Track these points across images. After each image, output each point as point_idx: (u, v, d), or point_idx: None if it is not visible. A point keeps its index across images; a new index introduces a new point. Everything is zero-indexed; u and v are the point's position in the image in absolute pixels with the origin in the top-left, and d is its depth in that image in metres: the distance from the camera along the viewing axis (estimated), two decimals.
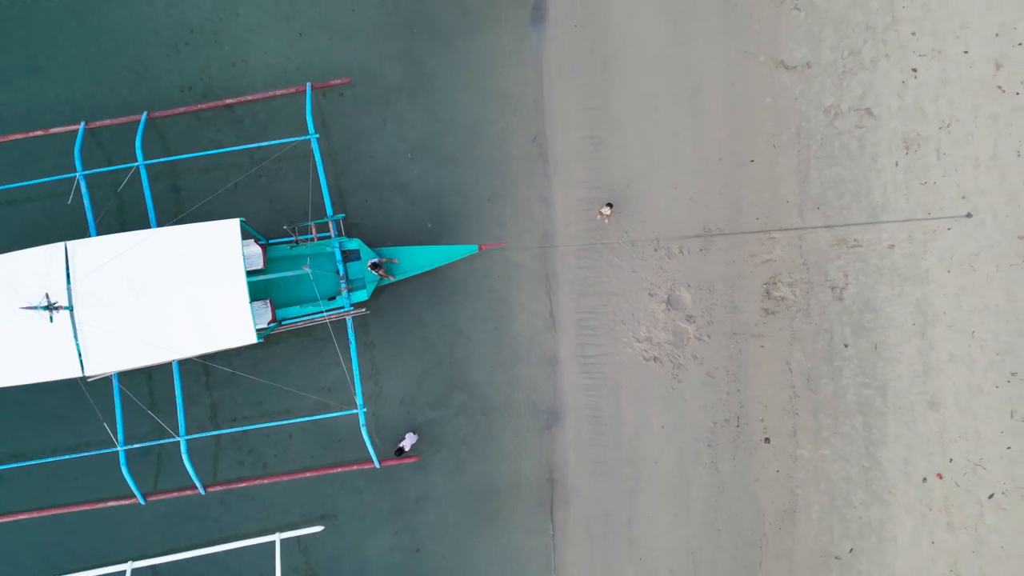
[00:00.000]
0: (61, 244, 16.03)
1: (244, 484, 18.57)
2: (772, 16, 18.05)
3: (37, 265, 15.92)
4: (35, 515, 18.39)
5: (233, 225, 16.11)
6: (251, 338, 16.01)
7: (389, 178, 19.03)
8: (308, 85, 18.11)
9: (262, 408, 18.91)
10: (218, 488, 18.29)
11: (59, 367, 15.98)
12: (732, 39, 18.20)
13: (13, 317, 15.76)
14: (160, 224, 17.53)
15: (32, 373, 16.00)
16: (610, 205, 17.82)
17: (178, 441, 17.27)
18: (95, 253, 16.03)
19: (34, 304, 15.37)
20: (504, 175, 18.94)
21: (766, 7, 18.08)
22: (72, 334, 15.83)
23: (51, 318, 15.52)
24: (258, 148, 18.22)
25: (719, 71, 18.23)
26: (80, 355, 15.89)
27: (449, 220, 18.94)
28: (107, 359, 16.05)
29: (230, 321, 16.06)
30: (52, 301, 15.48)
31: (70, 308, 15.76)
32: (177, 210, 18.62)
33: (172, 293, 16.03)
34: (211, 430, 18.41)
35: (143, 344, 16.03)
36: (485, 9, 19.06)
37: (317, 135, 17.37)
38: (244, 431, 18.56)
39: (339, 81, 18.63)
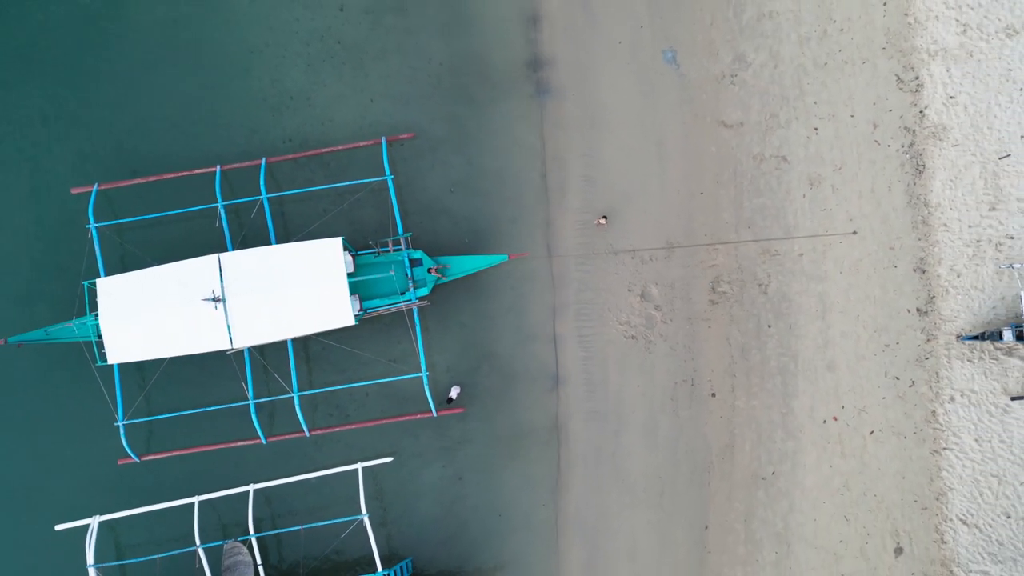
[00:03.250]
0: (215, 256, 22.98)
1: (334, 430, 25.34)
2: (715, 89, 25.04)
3: (200, 269, 22.83)
4: (188, 451, 25.18)
5: (336, 242, 23.05)
6: (350, 321, 22.93)
7: (438, 205, 25.94)
8: (383, 139, 25.04)
9: (345, 375, 25.71)
10: (317, 432, 25.08)
11: (215, 342, 22.87)
12: (686, 105, 25.18)
13: (187, 306, 22.66)
14: (278, 241, 24.45)
15: (197, 345, 22.88)
16: (605, 217, 24.80)
17: (291, 397, 24.19)
18: (238, 262, 22.94)
19: (207, 297, 22.30)
20: (520, 203, 25.87)
21: (710, 83, 25.04)
22: (224, 318, 22.74)
23: (216, 307, 22.45)
24: (346, 185, 25.13)
25: (677, 128, 25.21)
26: (230, 333, 22.81)
27: (482, 236, 25.86)
28: (246, 336, 22.95)
29: (334, 309, 22.95)
30: (216, 295, 22.42)
31: (223, 300, 22.68)
32: (286, 230, 25.49)
33: (292, 290, 22.91)
34: (311, 390, 25.23)
35: (272, 326, 22.94)
36: (505, 83, 26.01)
37: (392, 176, 24.33)
38: (334, 390, 25.37)
39: (405, 136, 25.57)
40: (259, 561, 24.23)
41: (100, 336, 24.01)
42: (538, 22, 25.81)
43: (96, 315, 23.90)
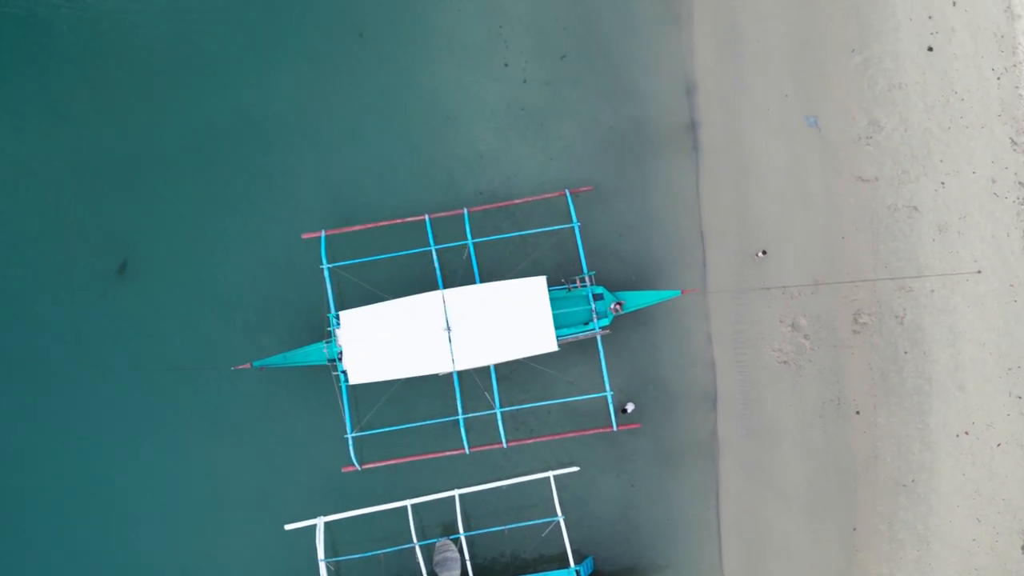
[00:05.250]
0: (440, 291, 27.06)
1: (527, 442, 29.01)
2: (852, 149, 29.19)
3: (428, 303, 26.90)
4: (402, 460, 28.87)
5: (541, 280, 27.13)
6: (553, 347, 26.89)
7: (608, 248, 29.99)
8: (567, 191, 29.23)
9: (530, 394, 29.51)
10: (513, 443, 28.84)
11: (439, 365, 26.84)
12: (827, 162, 29.32)
13: (417, 334, 26.69)
14: (482, 280, 28.47)
15: (424, 368, 26.85)
16: (764, 251, 28.81)
17: (491, 413, 28.05)
18: (460, 297, 27.00)
19: (443, 327, 26.38)
20: (680, 245, 29.92)
21: (848, 143, 29.20)
22: (449, 345, 26.75)
23: (448, 336, 26.50)
24: (540, 232, 29.15)
25: (819, 181, 29.31)
26: (452, 357, 26.80)
27: (648, 274, 29.87)
28: (466, 360, 26.91)
29: (539, 337, 26.91)
30: (447, 326, 26.47)
31: (448, 329, 26.72)
32: (484, 271, 29.55)
33: (502, 321, 26.92)
34: (510, 407, 28.96)
35: (488, 351, 26.91)
36: (666, 142, 30.24)
37: (579, 223, 28.45)
38: (521, 408, 29.14)
39: (584, 188, 29.76)
40: (467, 556, 27.94)
41: (330, 360, 28.11)
42: (694, 91, 30.15)
43: (329, 342, 28.03)
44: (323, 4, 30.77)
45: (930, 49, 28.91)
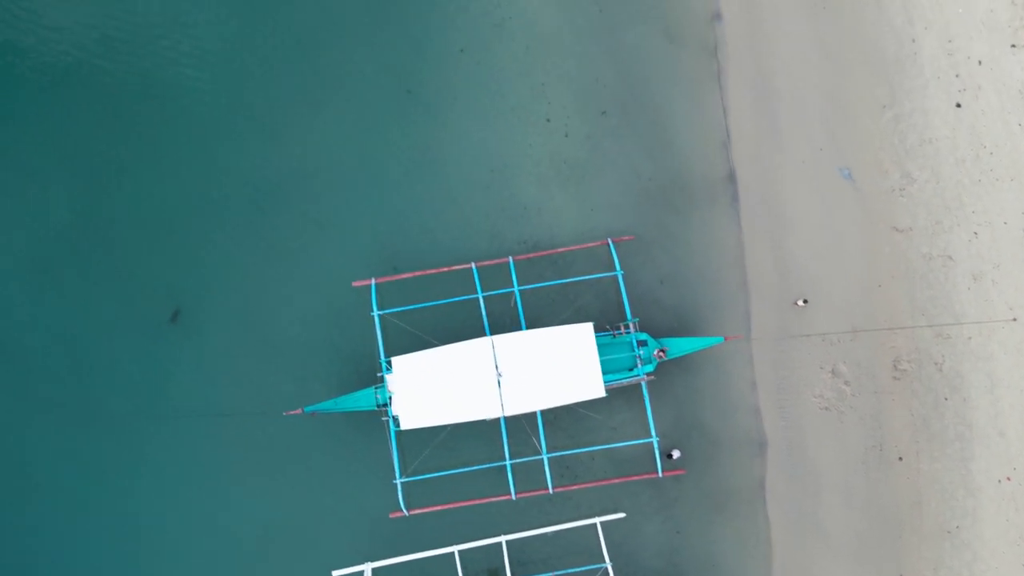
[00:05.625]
0: (489, 338, 27.69)
1: (573, 488, 29.29)
2: (886, 200, 30.16)
3: (478, 349, 27.51)
4: (449, 506, 29.09)
5: (588, 327, 27.78)
6: (601, 393, 27.40)
7: (649, 296, 30.74)
8: (609, 240, 30.11)
9: (574, 440, 29.95)
10: (559, 489, 29.11)
11: (489, 410, 27.32)
12: (862, 213, 30.26)
13: (468, 380, 27.24)
14: (527, 327, 29.13)
15: (474, 414, 27.33)
16: (805, 300, 29.49)
17: (540, 458, 28.40)
18: (509, 343, 27.63)
19: (492, 374, 26.95)
20: (721, 292, 30.66)
21: (882, 195, 30.18)
22: (499, 390, 27.27)
23: (499, 382, 27.07)
24: (583, 280, 29.92)
25: (855, 231, 30.19)
26: (502, 402, 27.30)
27: (688, 321, 30.54)
28: (515, 406, 27.40)
29: (587, 383, 27.44)
30: (498, 372, 27.06)
31: (499, 375, 27.29)
32: (529, 318, 30.25)
33: (550, 367, 27.49)
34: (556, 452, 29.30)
35: (536, 396, 27.41)
36: (704, 194, 31.26)
37: (623, 272, 29.25)
38: (565, 455, 29.51)
39: (626, 238, 30.65)
40: None
41: (379, 405, 28.62)
42: (730, 144, 31.29)
43: (379, 387, 28.59)
44: (371, 63, 32.10)
45: (958, 106, 30.11)
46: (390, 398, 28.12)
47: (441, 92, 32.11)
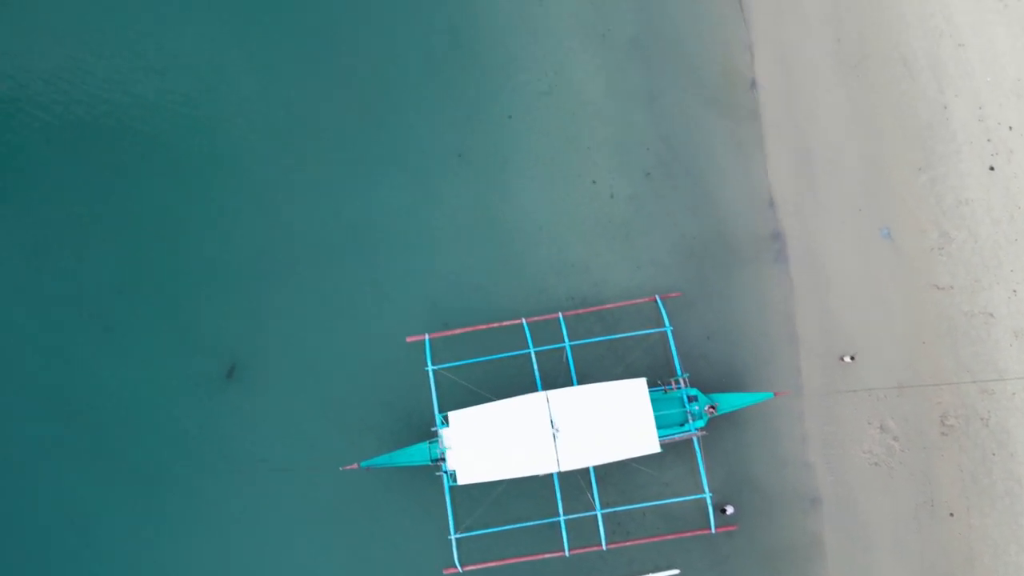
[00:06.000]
0: (544, 393, 28.23)
1: (627, 544, 29.39)
2: (926, 259, 31.07)
3: (533, 405, 28.01)
4: (502, 563, 29.19)
5: (642, 382, 28.34)
6: (656, 448, 27.77)
7: (696, 351, 31.37)
8: (657, 297, 30.93)
9: (625, 495, 30.16)
10: (613, 546, 29.18)
11: (545, 466, 27.65)
12: (903, 272, 31.14)
13: (523, 435, 27.67)
14: (580, 382, 29.68)
15: (530, 469, 27.65)
16: (853, 356, 30.06)
17: (593, 514, 28.61)
18: (563, 398, 28.15)
19: (547, 429, 27.40)
20: (768, 349, 31.29)
21: (922, 254, 31.10)
22: (554, 445, 27.67)
23: (554, 437, 27.50)
24: (627, 336, 30.69)
25: (897, 290, 31.01)
26: (558, 457, 27.66)
27: (736, 377, 31.09)
28: (570, 461, 27.75)
29: (641, 439, 27.85)
30: (554, 427, 27.52)
31: (555, 430, 27.74)
32: (577, 373, 30.83)
33: (604, 422, 27.94)
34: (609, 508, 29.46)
35: (591, 452, 27.78)
36: (748, 252, 32.19)
37: (672, 327, 29.95)
38: (617, 510, 29.70)
39: (674, 294, 31.47)
40: None
41: (433, 460, 28.97)
42: (773, 205, 32.35)
43: (433, 442, 28.99)
44: (425, 129, 33.38)
45: (991, 169, 31.29)
46: (445, 453, 28.53)
47: (491, 156, 33.38)
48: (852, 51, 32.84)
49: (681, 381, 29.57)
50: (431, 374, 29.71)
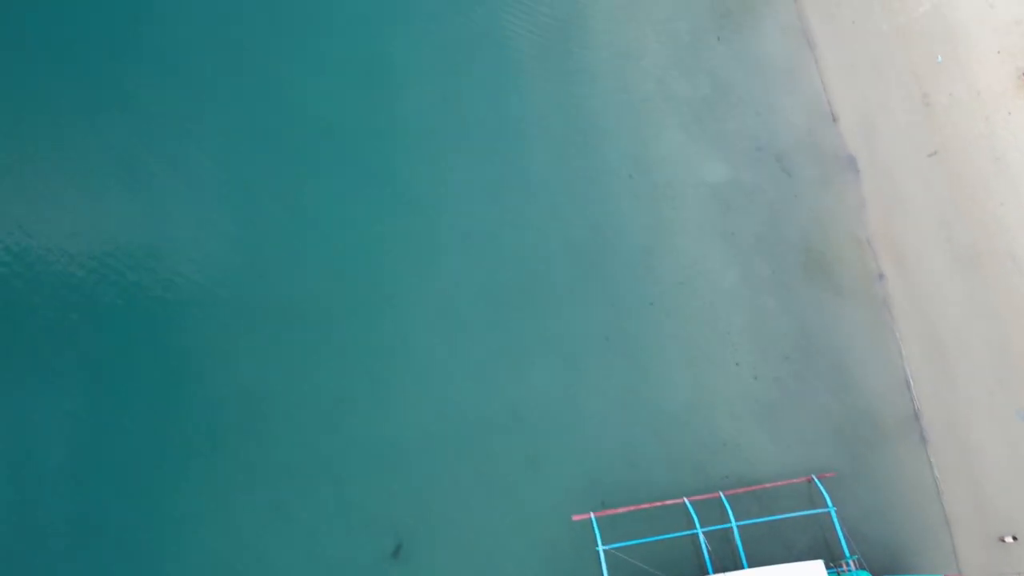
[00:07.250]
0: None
1: None
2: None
3: None
4: None
5: (819, 564, 28.84)
6: None
7: (855, 531, 31.93)
8: (813, 476, 32.06)
9: None
10: None
11: None
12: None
13: None
14: (750, 565, 30.16)
15: None
16: (1015, 537, 30.52)
17: None
18: None
19: None
20: (924, 528, 31.96)
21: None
22: None
23: None
24: (788, 517, 31.53)
25: None
26: None
27: (897, 557, 31.45)
28: None
29: None
30: None
31: None
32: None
33: None
34: None
35: None
36: (894, 432, 33.65)
37: (835, 508, 30.83)
38: None
39: (829, 474, 32.62)
40: None
41: None
42: (911, 385, 34.29)
43: None
44: (573, 315, 36.06)
45: None
46: None
47: (635, 339, 35.83)
48: (964, 248, 36.10)
49: (852, 563, 30.05)
50: (602, 553, 30.29)
